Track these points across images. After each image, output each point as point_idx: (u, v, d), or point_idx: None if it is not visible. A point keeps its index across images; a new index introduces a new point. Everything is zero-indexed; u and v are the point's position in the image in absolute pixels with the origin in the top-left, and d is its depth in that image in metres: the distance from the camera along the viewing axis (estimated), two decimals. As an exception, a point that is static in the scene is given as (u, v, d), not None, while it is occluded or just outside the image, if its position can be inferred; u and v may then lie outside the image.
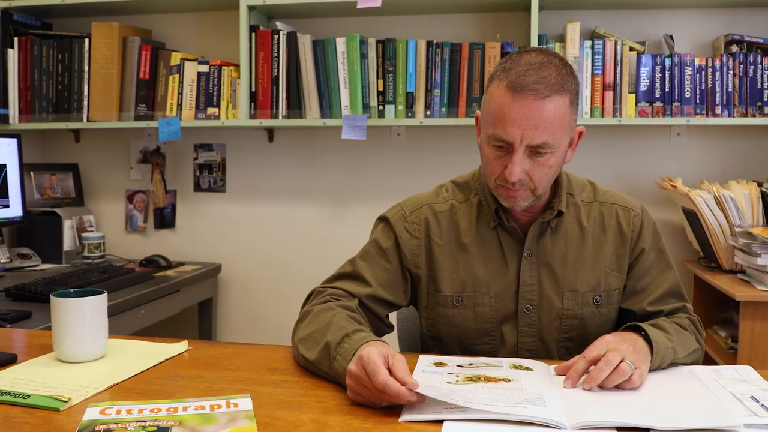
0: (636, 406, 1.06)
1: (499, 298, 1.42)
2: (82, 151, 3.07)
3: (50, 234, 2.79)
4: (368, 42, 2.58)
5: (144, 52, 2.72)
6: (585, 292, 1.41)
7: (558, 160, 1.33)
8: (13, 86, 2.77)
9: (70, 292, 1.35)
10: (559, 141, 1.29)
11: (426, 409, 1.05)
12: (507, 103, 1.26)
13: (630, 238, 1.43)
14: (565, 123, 1.29)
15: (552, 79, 1.26)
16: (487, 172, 1.37)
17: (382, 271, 1.45)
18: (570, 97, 1.29)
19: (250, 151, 2.95)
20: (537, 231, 1.42)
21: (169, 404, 1.07)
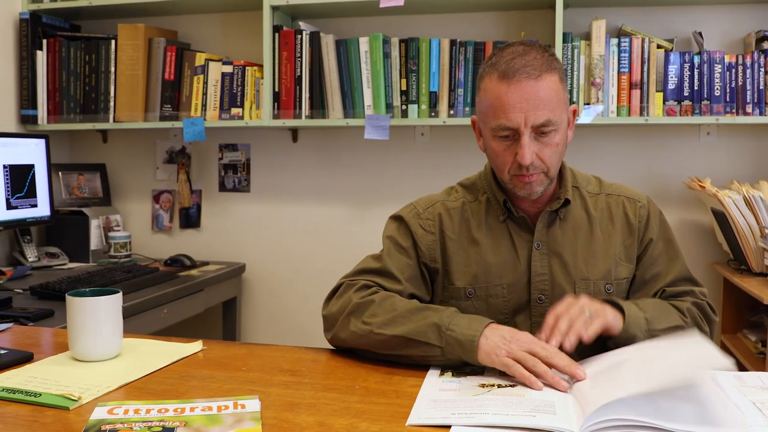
0: (650, 407, 1.02)
1: (512, 289, 1.44)
2: (109, 151, 3.11)
3: (78, 233, 2.83)
4: (391, 41, 2.57)
5: (169, 53, 2.74)
6: (597, 281, 1.42)
7: (562, 138, 1.36)
8: (41, 87, 2.81)
9: (86, 292, 1.36)
10: (559, 117, 1.33)
11: (433, 413, 1.03)
12: (504, 92, 1.30)
13: (638, 228, 1.45)
14: (561, 99, 1.34)
15: (538, 61, 1.31)
16: (499, 167, 1.38)
17: (407, 268, 1.46)
18: (559, 74, 1.34)
19: (274, 151, 2.96)
20: (546, 221, 1.43)
21: (176, 404, 1.07)
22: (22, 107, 2.80)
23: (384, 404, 1.10)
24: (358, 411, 1.07)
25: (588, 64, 2.42)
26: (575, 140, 2.65)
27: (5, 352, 1.35)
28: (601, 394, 1.03)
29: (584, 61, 2.42)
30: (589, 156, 2.66)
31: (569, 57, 2.42)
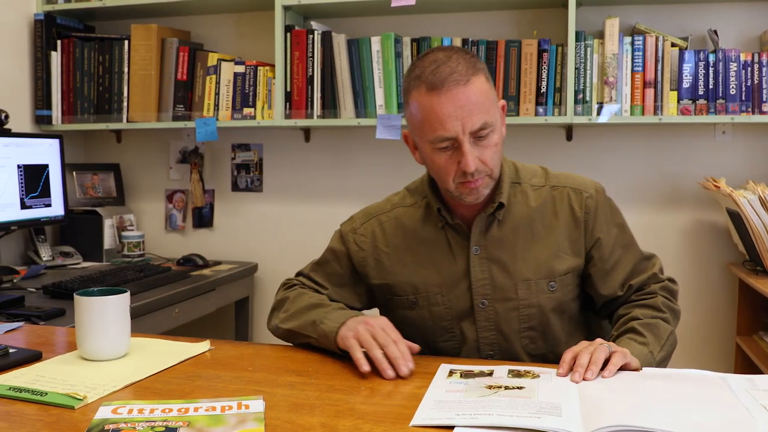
0: (657, 411, 1.01)
1: (452, 296, 1.44)
2: (123, 151, 3.13)
3: (91, 233, 2.85)
4: (403, 41, 2.56)
5: (182, 53, 2.75)
6: (538, 280, 1.42)
7: (499, 137, 1.36)
8: (56, 88, 2.83)
9: (94, 291, 1.36)
10: (493, 117, 1.32)
11: (437, 414, 1.03)
12: (436, 103, 1.29)
13: (584, 220, 1.44)
14: (491, 99, 1.33)
15: (462, 65, 1.30)
16: (443, 178, 1.36)
17: (336, 277, 1.55)
18: (485, 74, 1.34)
19: (286, 151, 2.96)
20: (482, 225, 1.43)
21: (180, 404, 1.07)
22: (37, 108, 2.82)
23: (389, 405, 1.09)
24: (363, 412, 1.06)
25: (601, 62, 2.40)
26: (589, 140, 2.64)
27: (14, 350, 1.35)
28: (620, 411, 1.01)
29: (597, 60, 2.40)
30: (602, 156, 2.63)
31: (582, 56, 2.40)
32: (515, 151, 2.70)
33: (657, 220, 2.61)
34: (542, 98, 2.45)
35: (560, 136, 2.67)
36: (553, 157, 2.68)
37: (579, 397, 1.09)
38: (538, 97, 2.46)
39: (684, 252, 2.60)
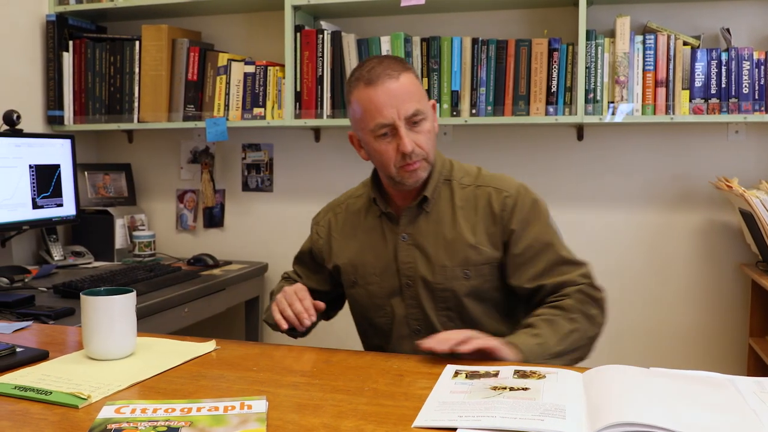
0: (662, 409, 1.00)
1: (384, 277, 1.61)
2: (134, 151, 3.14)
3: (103, 233, 2.86)
4: (413, 40, 2.55)
5: (192, 54, 2.76)
6: (454, 267, 1.55)
7: (431, 126, 1.52)
8: (68, 88, 2.85)
9: (101, 291, 1.37)
10: (425, 107, 1.50)
11: (440, 415, 1.02)
12: (373, 96, 1.47)
13: (501, 217, 1.56)
14: (421, 92, 1.52)
15: (394, 64, 1.50)
16: (385, 164, 1.52)
17: (306, 265, 1.78)
18: (414, 74, 1.53)
19: (297, 151, 2.96)
20: (410, 216, 1.59)
21: (183, 404, 1.07)
22: (49, 108, 2.84)
23: (392, 406, 1.09)
24: (366, 413, 1.06)
25: (612, 62, 2.38)
26: (600, 139, 2.62)
27: (21, 350, 1.36)
28: (625, 408, 1.00)
29: (608, 59, 2.38)
30: (613, 155, 2.62)
31: (593, 55, 2.38)
32: (526, 151, 2.70)
33: (669, 220, 2.59)
34: (552, 98, 2.44)
35: (571, 135, 2.65)
36: (564, 157, 2.67)
37: (585, 397, 1.09)
38: (549, 96, 2.44)
39: (696, 252, 2.58)
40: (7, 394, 1.14)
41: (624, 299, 2.64)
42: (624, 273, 2.64)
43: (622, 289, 2.64)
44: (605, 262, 2.65)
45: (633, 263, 2.63)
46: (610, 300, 2.64)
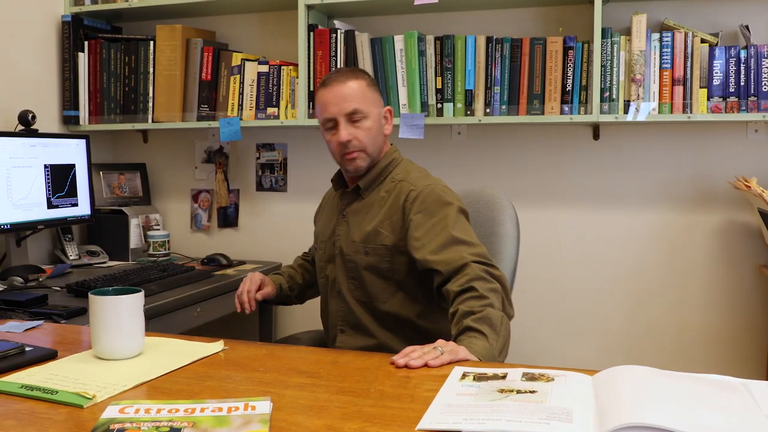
0: (671, 410, 0.97)
1: (326, 245, 1.92)
2: (149, 151, 3.15)
3: (118, 232, 2.87)
4: (426, 39, 2.54)
5: (206, 54, 2.76)
6: (358, 243, 1.82)
7: (373, 125, 1.80)
8: (83, 89, 2.86)
9: (109, 291, 1.37)
10: (367, 108, 1.78)
11: (445, 418, 1.00)
12: (324, 95, 1.80)
13: (403, 207, 1.77)
14: (367, 96, 1.79)
15: (347, 73, 1.82)
16: (332, 153, 1.84)
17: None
18: (366, 81, 1.81)
19: (311, 151, 2.95)
20: (349, 198, 1.89)
21: (188, 405, 1.06)
22: (65, 108, 2.85)
23: (397, 408, 1.08)
24: (370, 415, 1.04)
25: (628, 60, 2.35)
26: (616, 139, 2.59)
27: (30, 349, 1.37)
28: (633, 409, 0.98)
29: (624, 57, 2.35)
30: (630, 155, 2.58)
31: (609, 53, 2.35)
32: (541, 151, 2.67)
33: (686, 220, 2.55)
34: (567, 97, 2.41)
35: (587, 135, 2.62)
36: (580, 156, 2.64)
37: (595, 399, 1.07)
38: (564, 95, 2.42)
39: (714, 253, 2.54)
40: (13, 393, 1.14)
41: (641, 301, 2.61)
42: (641, 274, 2.61)
43: (639, 290, 2.61)
44: (622, 263, 2.63)
45: (650, 264, 2.60)
46: (627, 301, 2.61)
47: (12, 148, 2.41)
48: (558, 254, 2.69)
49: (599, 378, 1.17)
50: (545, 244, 2.70)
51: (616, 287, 2.64)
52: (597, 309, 2.66)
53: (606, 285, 2.65)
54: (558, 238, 2.69)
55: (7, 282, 2.25)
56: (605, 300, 2.65)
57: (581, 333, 2.68)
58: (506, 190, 2.72)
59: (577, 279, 2.67)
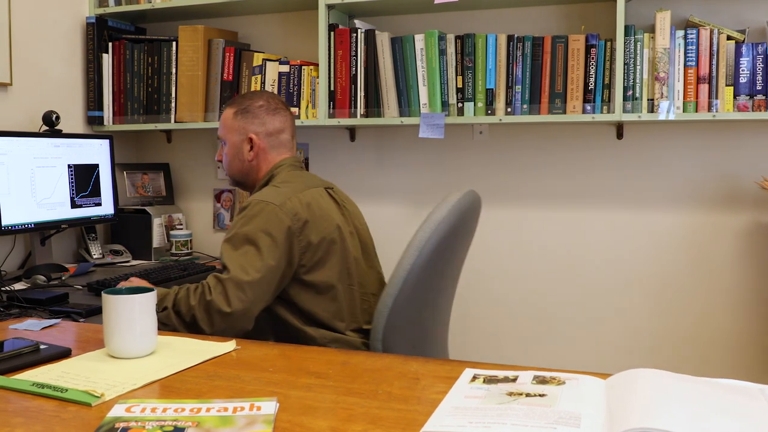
0: (682, 415, 0.95)
1: None
2: (173, 151, 3.18)
3: (141, 231, 2.90)
4: (447, 38, 2.52)
5: (227, 54, 2.78)
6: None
7: (230, 151, 2.05)
8: (107, 89, 2.89)
9: (122, 290, 1.37)
10: (225, 136, 2.05)
11: (450, 421, 0.99)
12: None
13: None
14: (227, 126, 2.05)
15: (232, 99, 2.09)
16: None
17: None
18: (233, 110, 2.04)
19: (332, 151, 2.95)
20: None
21: (194, 404, 1.06)
22: (89, 109, 2.89)
23: (403, 410, 1.06)
24: (376, 417, 1.03)
25: (652, 57, 2.31)
26: (640, 138, 2.55)
27: (45, 347, 1.38)
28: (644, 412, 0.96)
29: (648, 55, 2.31)
30: (654, 155, 2.54)
31: (631, 51, 2.31)
32: (563, 150, 2.64)
33: (712, 221, 2.50)
34: (590, 95, 2.38)
35: (610, 134, 2.59)
36: (603, 156, 2.60)
37: (606, 403, 1.04)
38: (586, 94, 2.38)
39: (741, 255, 2.49)
40: (24, 391, 1.15)
41: (666, 303, 2.57)
42: (666, 276, 2.56)
43: (664, 292, 2.57)
44: (646, 264, 2.58)
45: (675, 266, 2.55)
46: (651, 304, 2.57)
47: (36, 148, 2.44)
48: (582, 256, 2.65)
49: (612, 382, 1.15)
50: (568, 246, 2.66)
51: (641, 289, 2.59)
52: (620, 312, 2.62)
53: (630, 287, 2.61)
54: (581, 240, 2.65)
55: (31, 280, 2.27)
56: (629, 303, 2.61)
57: (604, 336, 2.64)
58: (529, 191, 2.70)
59: (601, 281, 2.63)
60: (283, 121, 2.05)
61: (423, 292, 1.79)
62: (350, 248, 1.95)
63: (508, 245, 2.74)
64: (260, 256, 1.78)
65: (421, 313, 1.87)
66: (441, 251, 1.77)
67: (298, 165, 2.07)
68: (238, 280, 1.76)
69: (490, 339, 2.78)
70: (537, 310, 2.72)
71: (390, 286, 1.69)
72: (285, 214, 1.81)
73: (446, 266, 1.90)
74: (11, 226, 2.35)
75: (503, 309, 2.76)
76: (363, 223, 2.14)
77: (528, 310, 2.73)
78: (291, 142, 2.09)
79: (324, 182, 2.08)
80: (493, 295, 2.77)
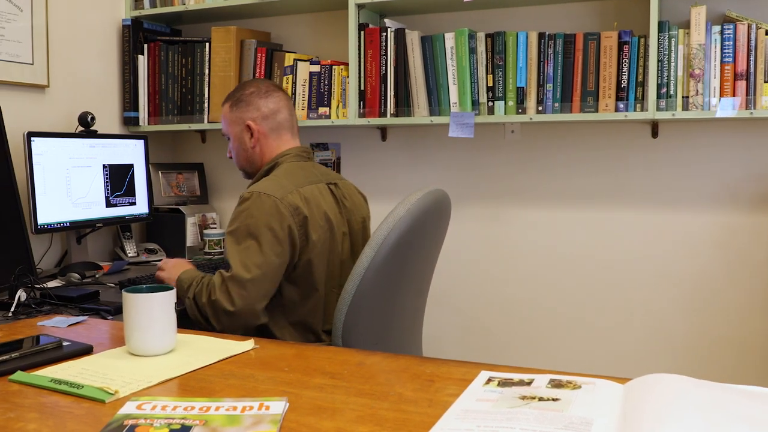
0: (698, 423, 0.92)
1: None
2: (207, 150, 3.21)
3: (175, 230, 2.94)
4: (477, 36, 2.50)
5: (259, 54, 2.80)
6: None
7: (235, 144, 2.12)
8: (143, 90, 2.94)
9: (142, 288, 1.39)
10: (228, 131, 2.13)
11: (458, 425, 0.98)
12: None
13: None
14: (226, 120, 2.11)
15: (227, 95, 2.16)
16: None
17: None
18: (229, 103, 2.11)
19: (364, 150, 2.95)
20: None
21: (203, 403, 1.07)
22: (125, 110, 2.94)
23: (413, 413, 1.05)
24: (383, 419, 1.03)
25: (687, 54, 2.25)
26: (675, 136, 2.49)
27: (68, 344, 1.40)
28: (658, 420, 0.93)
29: (683, 51, 2.26)
30: (690, 153, 2.48)
31: (666, 47, 2.26)
32: (597, 149, 2.60)
33: (750, 222, 2.43)
34: (623, 93, 2.33)
35: (645, 132, 2.53)
36: (638, 155, 2.55)
37: (621, 409, 1.02)
38: (619, 92, 2.34)
39: (782, 257, 2.41)
40: (43, 387, 1.17)
41: (702, 306, 2.50)
42: (700, 278, 2.50)
43: (698, 295, 2.50)
44: (681, 266, 2.52)
45: (710, 268, 2.49)
46: (688, 307, 2.50)
47: (72, 148, 2.49)
48: (615, 257, 2.60)
49: (630, 386, 1.12)
50: (602, 246, 2.62)
51: (677, 291, 2.53)
52: (655, 314, 2.56)
53: (664, 289, 2.55)
54: (615, 240, 2.60)
55: (66, 278, 2.32)
56: (664, 305, 2.55)
57: (633, 340, 2.59)
58: (562, 191, 2.65)
59: (634, 282, 2.58)
60: (277, 101, 2.09)
61: (383, 290, 1.81)
62: (339, 250, 1.98)
63: (539, 246, 2.70)
64: (261, 251, 1.81)
65: (382, 311, 1.88)
66: (400, 250, 1.79)
67: (304, 156, 2.09)
68: (240, 278, 1.81)
69: (516, 343, 2.75)
70: (566, 312, 2.67)
71: (348, 284, 1.73)
72: (286, 208, 1.84)
73: (408, 264, 1.90)
74: (47, 225, 2.40)
75: (532, 311, 2.73)
76: (362, 219, 2.14)
77: (557, 312, 2.69)
78: (290, 121, 2.12)
79: (328, 176, 2.09)
80: (523, 297, 2.73)
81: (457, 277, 2.80)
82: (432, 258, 2.09)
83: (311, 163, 2.12)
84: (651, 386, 1.09)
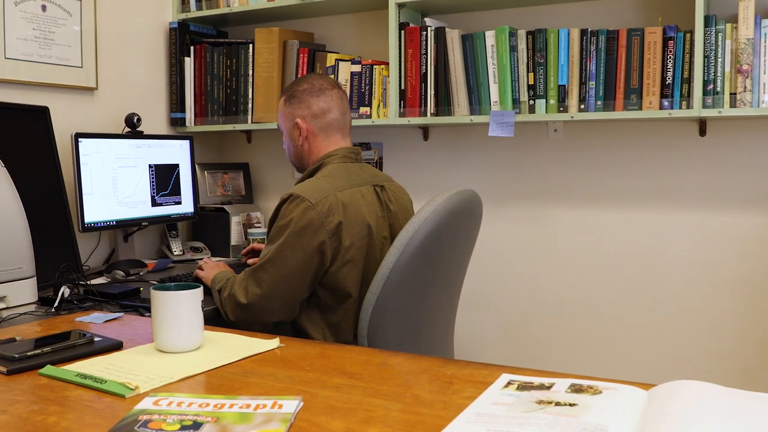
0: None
1: None
2: (252, 151, 3.26)
3: (220, 229, 2.99)
4: (518, 34, 2.46)
5: (302, 55, 2.82)
6: None
7: (286, 138, 2.13)
8: (189, 92, 3.00)
9: (171, 286, 1.42)
10: (281, 125, 2.13)
11: (469, 428, 0.96)
12: None
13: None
14: (281, 114, 2.11)
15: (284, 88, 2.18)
16: None
17: None
18: (284, 97, 2.10)
19: (406, 150, 2.95)
20: None
21: (219, 400, 1.08)
22: (172, 111, 3.00)
23: (426, 415, 1.04)
24: (395, 420, 1.02)
25: (734, 49, 2.17)
26: (724, 135, 2.41)
27: (99, 339, 1.44)
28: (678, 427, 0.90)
29: (730, 46, 2.18)
30: (738, 152, 2.39)
31: (712, 42, 2.18)
32: (641, 148, 2.53)
33: (805, 223, 2.34)
34: (668, 90, 2.26)
35: (692, 130, 2.46)
36: (685, 154, 2.47)
37: (641, 416, 0.99)
38: (663, 89, 2.27)
39: (838, 260, 2.31)
40: (69, 381, 1.21)
41: (753, 312, 2.41)
42: (751, 281, 2.41)
43: (751, 300, 2.41)
44: (730, 268, 2.44)
45: (762, 270, 2.39)
46: (737, 312, 2.41)
47: (118, 148, 2.56)
48: (661, 259, 2.53)
49: (654, 393, 1.09)
50: (648, 248, 2.55)
51: (726, 295, 2.45)
52: (702, 319, 2.48)
53: (714, 293, 2.46)
54: (663, 242, 2.53)
55: (111, 275, 2.39)
56: (713, 310, 2.47)
57: (681, 344, 2.51)
58: (607, 191, 2.60)
59: (680, 285, 2.50)
60: (328, 100, 2.05)
61: (409, 290, 1.79)
62: (377, 255, 1.93)
63: (582, 248, 2.65)
64: (285, 256, 1.82)
65: (408, 311, 1.86)
66: (427, 250, 1.77)
67: (352, 157, 2.06)
68: (258, 276, 1.85)
69: (558, 346, 2.70)
70: (609, 315, 2.61)
71: (373, 284, 1.73)
72: (317, 214, 1.82)
73: (435, 265, 1.88)
74: (94, 223, 2.47)
75: (573, 314, 2.67)
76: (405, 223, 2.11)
77: (600, 315, 2.63)
78: (341, 120, 2.08)
79: (375, 178, 2.06)
80: (564, 299, 2.68)
81: (497, 279, 2.77)
82: (463, 258, 2.06)
83: (359, 165, 2.08)
84: (675, 393, 1.06)
